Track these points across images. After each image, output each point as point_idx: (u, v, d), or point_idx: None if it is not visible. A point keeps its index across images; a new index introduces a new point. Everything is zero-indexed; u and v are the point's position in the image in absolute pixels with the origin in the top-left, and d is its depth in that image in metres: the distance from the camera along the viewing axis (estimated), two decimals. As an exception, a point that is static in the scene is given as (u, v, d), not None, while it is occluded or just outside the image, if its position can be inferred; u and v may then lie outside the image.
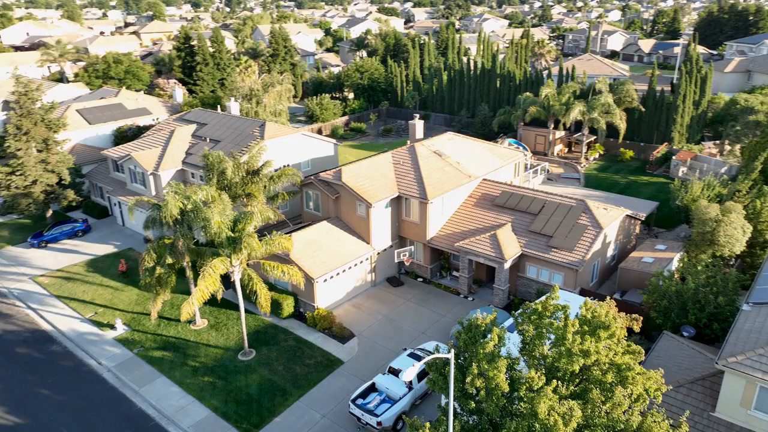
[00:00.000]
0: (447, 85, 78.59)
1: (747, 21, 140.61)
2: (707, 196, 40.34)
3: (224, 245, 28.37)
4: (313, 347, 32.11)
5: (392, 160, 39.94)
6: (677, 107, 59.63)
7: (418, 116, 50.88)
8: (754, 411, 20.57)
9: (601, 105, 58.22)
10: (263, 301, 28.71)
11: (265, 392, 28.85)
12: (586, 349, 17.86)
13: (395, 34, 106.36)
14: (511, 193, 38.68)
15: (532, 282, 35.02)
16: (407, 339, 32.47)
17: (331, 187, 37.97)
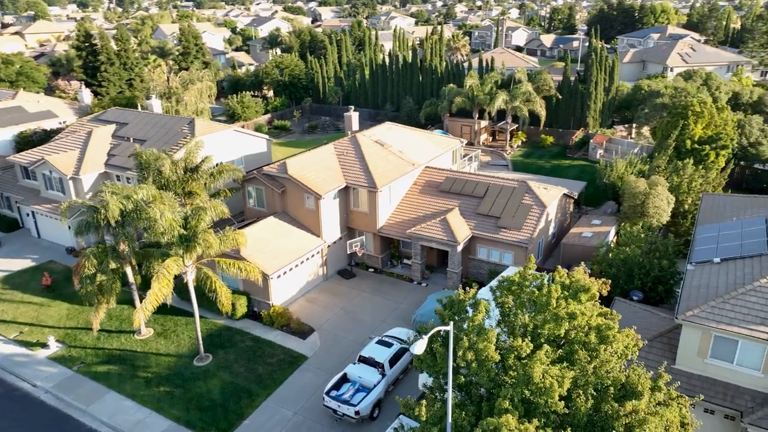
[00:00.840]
0: (370, 80, 78.84)
1: (633, 17, 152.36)
2: (630, 172, 43.23)
3: (176, 244, 26.69)
4: (273, 345, 31.02)
5: (335, 152, 39.42)
6: (590, 94, 63.47)
7: (353, 108, 50.57)
8: (710, 359, 22.26)
9: (522, 93, 60.76)
10: (224, 299, 27.34)
11: (230, 396, 27.50)
12: (572, 312, 18.50)
13: (310, 31, 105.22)
14: (455, 178, 39.42)
15: (483, 263, 35.88)
16: (368, 329, 32.17)
17: (277, 181, 36.85)
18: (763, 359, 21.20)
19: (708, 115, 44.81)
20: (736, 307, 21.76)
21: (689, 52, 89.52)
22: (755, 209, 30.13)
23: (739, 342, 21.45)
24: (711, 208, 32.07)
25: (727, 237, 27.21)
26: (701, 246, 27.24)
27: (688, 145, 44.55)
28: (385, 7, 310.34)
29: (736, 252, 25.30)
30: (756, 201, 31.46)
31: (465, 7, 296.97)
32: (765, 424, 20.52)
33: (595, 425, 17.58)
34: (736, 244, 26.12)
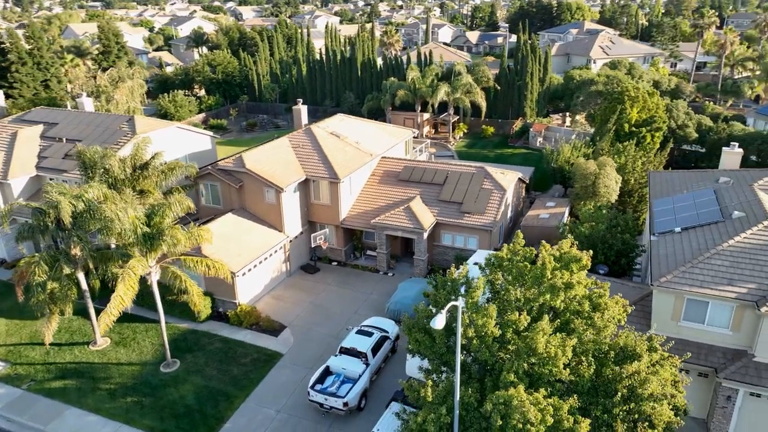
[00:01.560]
0: (307, 76, 77.66)
1: (552, 14, 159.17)
2: (576, 156, 44.95)
3: (140, 243, 25.00)
4: (244, 345, 29.78)
5: (291, 144, 38.43)
6: (527, 85, 65.58)
7: (300, 102, 49.53)
8: (683, 322, 23.43)
9: (463, 85, 61.87)
10: (196, 299, 25.92)
11: (205, 400, 26.12)
12: (569, 282, 18.87)
13: (239, 28, 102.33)
14: (413, 167, 39.48)
15: (448, 249, 36.14)
16: (341, 321, 31.58)
17: (233, 176, 35.42)
18: (731, 318, 22.56)
19: (642, 99, 47.38)
20: (705, 271, 23.04)
21: (609, 45, 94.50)
22: (700, 182, 32.07)
23: (709, 303, 22.71)
24: (660, 184, 33.85)
25: (682, 208, 28.79)
26: (660, 218, 28.67)
27: (626, 128, 46.87)
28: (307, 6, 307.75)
29: (694, 221, 26.80)
30: (699, 175, 33.52)
31: (387, 6, 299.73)
32: (737, 376, 21.85)
33: (598, 389, 18.04)
34: (692, 214, 27.68)
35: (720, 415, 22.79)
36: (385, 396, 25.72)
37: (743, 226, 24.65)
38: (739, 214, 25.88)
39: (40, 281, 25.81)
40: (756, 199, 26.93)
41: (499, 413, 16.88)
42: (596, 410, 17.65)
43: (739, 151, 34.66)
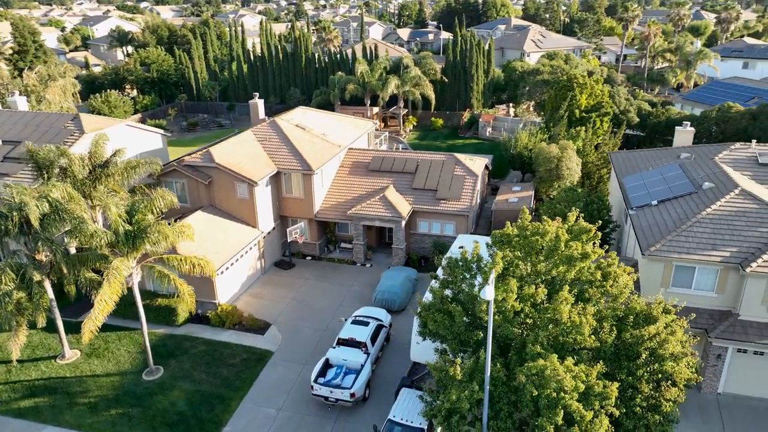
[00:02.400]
0: (248, 73, 75.54)
1: (478, 11, 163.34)
2: (533, 142, 46.28)
3: (121, 242, 23.27)
4: (230, 346, 28.46)
5: (256, 138, 37.13)
6: (472, 76, 66.88)
7: (257, 95, 47.95)
8: (671, 288, 24.55)
9: (412, 78, 62.22)
10: (188, 298, 24.42)
11: (199, 405, 24.73)
12: (585, 252, 19.28)
13: (169, 26, 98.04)
14: (383, 157, 39.24)
15: (425, 237, 36.17)
16: (327, 314, 30.85)
17: (201, 172, 33.76)
18: (716, 281, 23.91)
19: (590, 86, 49.45)
20: (689, 238, 24.28)
21: (540, 39, 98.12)
22: (662, 159, 33.81)
23: (696, 268, 23.96)
24: (623, 163, 35.42)
25: (653, 183, 30.24)
26: (634, 193, 29.97)
27: (577, 114, 48.78)
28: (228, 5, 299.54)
29: (668, 194, 28.21)
30: (659, 153, 35.34)
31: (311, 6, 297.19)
32: (727, 335, 23.17)
33: (620, 354, 18.55)
34: (664, 188, 29.13)
35: (711, 373, 24.11)
36: (387, 385, 25.40)
37: (716, 196, 26.17)
38: (709, 185, 27.48)
39: (6, 290, 23.45)
40: (721, 171, 28.69)
41: (533, 384, 16.99)
42: (621, 374, 18.13)
43: (691, 130, 36.85)
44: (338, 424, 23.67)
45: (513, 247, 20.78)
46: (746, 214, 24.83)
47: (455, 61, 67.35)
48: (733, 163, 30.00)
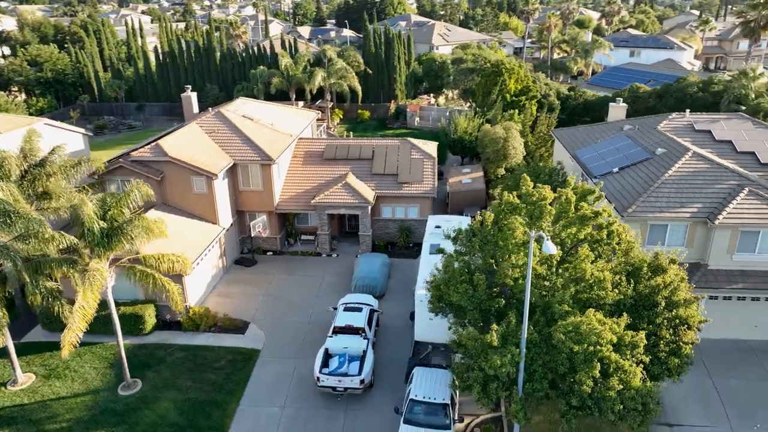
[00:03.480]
0: (157, 70, 70.92)
1: (376, 8, 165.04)
2: (472, 127, 47.47)
3: (96, 242, 20.79)
4: (211, 349, 26.50)
5: (204, 130, 34.85)
6: (395, 68, 67.41)
7: (189, 88, 45.07)
8: (646, 246, 26.12)
9: (338, 70, 61.57)
10: (177, 297, 22.26)
11: (193, 413, 22.77)
12: (596, 211, 19.99)
13: (56, 23, 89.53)
14: (336, 144, 38.43)
15: (389, 222, 35.88)
16: (306, 308, 29.67)
17: (151, 167, 31.08)
18: (686, 236, 25.85)
19: (517, 71, 51.64)
20: (659, 198, 26.04)
21: (447, 33, 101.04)
22: (603, 133, 35.95)
23: (668, 225, 25.75)
24: (569, 139, 37.30)
25: (607, 154, 32.11)
26: (592, 163, 31.65)
27: (508, 98, 50.73)
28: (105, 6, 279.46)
29: (625, 162, 30.08)
30: (600, 127, 37.59)
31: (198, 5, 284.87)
32: (701, 284, 25.09)
33: (638, 305, 19.45)
34: (620, 156, 31.03)
35: (687, 321, 25.99)
36: (387, 368, 24.91)
37: (672, 160, 28.30)
38: (662, 150, 29.65)
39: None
40: (668, 138, 31.08)
41: (571, 340, 17.36)
42: (642, 324, 19.02)
43: (624, 106, 39.67)
44: (349, 413, 22.81)
45: (518, 214, 21.09)
46: (702, 174, 27.06)
47: (377, 53, 67.54)
48: (674, 131, 32.60)
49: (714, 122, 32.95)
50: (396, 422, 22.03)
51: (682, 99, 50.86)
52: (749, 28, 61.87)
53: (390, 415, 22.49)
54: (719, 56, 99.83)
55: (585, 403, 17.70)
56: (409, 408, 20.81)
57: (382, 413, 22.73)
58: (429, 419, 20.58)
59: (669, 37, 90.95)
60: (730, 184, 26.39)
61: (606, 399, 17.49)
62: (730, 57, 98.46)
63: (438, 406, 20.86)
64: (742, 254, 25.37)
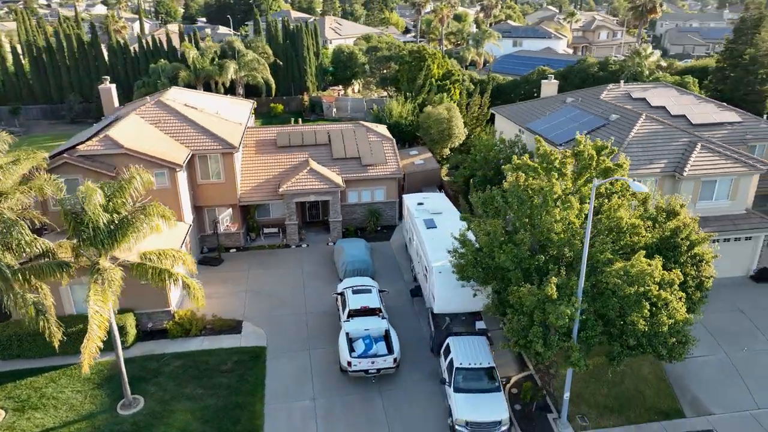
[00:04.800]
0: (32, 70, 62.80)
1: (251, 5, 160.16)
2: (406, 111, 47.83)
3: (102, 238, 17.97)
4: (210, 353, 24.13)
5: (147, 121, 31.52)
6: (305, 59, 65.92)
7: (108, 80, 40.41)
8: (621, 204, 28.21)
9: (249, 62, 58.86)
10: (200, 295, 19.81)
11: (218, 420, 20.63)
12: (618, 163, 21.09)
13: None
14: (288, 132, 36.78)
15: (356, 207, 35.07)
16: (297, 299, 28.12)
17: (103, 162, 27.46)
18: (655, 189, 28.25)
19: (438, 56, 52.95)
20: (630, 157, 28.08)
21: (338, 26, 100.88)
22: (545, 107, 38.08)
23: (641, 181, 27.86)
24: (513, 115, 39.10)
25: (561, 124, 34.06)
26: (550, 134, 33.35)
27: (434, 82, 51.84)
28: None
29: (585, 128, 32.05)
30: (540, 102, 39.79)
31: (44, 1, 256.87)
32: (674, 232, 27.52)
33: (661, 248, 20.86)
34: (576, 124, 33.03)
35: (663, 267, 28.44)
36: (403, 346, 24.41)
37: (629, 124, 30.74)
38: (615, 116, 32.10)
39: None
40: (614, 105, 33.72)
41: (626, 283, 18.24)
42: (669, 263, 20.45)
43: (555, 82, 42.43)
44: (384, 394, 22.04)
45: (537, 175, 21.67)
46: (659, 134, 29.73)
47: (285, 45, 65.60)
48: (615, 99, 35.46)
49: (646, 90, 36.34)
50: (438, 394, 21.76)
51: (585, 78, 55.49)
52: (638, 11, 68.99)
53: (428, 389, 22.19)
54: (584, 45, 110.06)
55: (639, 341, 18.71)
56: (458, 376, 20.56)
57: (419, 388, 22.28)
58: (480, 384, 20.53)
59: (545, 28, 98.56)
60: (683, 141, 29.27)
61: (659, 335, 18.63)
62: (594, 46, 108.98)
63: (485, 370, 20.89)
64: (703, 202, 28.28)
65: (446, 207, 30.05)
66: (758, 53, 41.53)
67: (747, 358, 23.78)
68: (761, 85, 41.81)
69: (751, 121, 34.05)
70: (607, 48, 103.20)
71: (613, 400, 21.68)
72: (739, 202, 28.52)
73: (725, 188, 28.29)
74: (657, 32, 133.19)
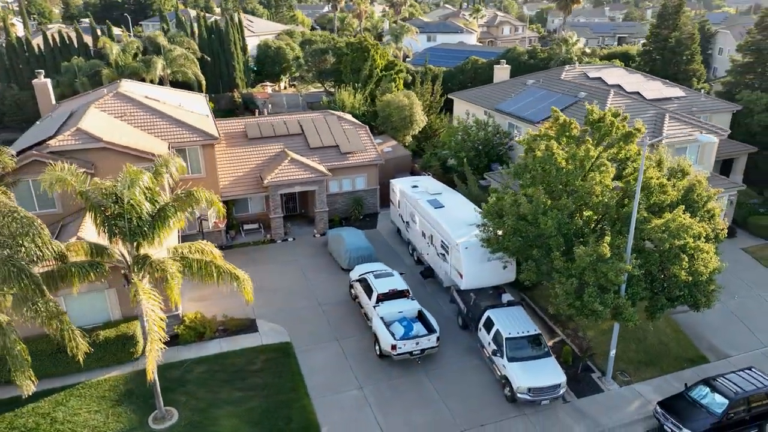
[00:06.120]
0: None
1: (142, 4, 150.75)
2: (358, 101, 47.23)
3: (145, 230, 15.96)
4: (233, 354, 22.36)
5: (111, 114, 28.59)
6: (233, 55, 63.06)
7: (42, 74, 35.97)
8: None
9: (177, 57, 55.30)
10: (249, 289, 18.06)
11: (269, 421, 19.19)
12: (637, 128, 22.14)
13: None
14: (257, 122, 34.98)
15: (337, 197, 34.08)
16: (306, 292, 26.83)
17: (77, 158, 24.40)
18: (634, 159, 30.05)
19: (380, 48, 52.89)
20: (612, 129, 29.75)
21: (249, 24, 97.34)
22: (507, 90, 39.28)
23: (623, 151, 29.60)
24: (477, 99, 39.92)
25: (531, 104, 35.24)
26: (524, 113, 34.45)
27: (378, 72, 51.69)
28: None
29: (557, 105, 33.28)
30: (496, 87, 40.95)
31: None
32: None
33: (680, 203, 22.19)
34: (546, 103, 34.31)
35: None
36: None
37: (600, 99, 32.41)
38: (583, 94, 33.78)
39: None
40: (577, 84, 35.48)
41: (671, 237, 19.25)
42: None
43: (507, 67, 43.82)
44: (430, 374, 21.63)
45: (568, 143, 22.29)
46: (631, 107, 31.50)
47: (210, 39, 62.33)
48: (574, 79, 37.29)
49: (600, 70, 38.64)
50: (481, 367, 21.79)
51: (517, 66, 57.81)
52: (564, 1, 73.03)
53: (470, 363, 22.23)
54: (490, 40, 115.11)
55: (682, 292, 19.82)
56: (510, 346, 20.61)
57: (460, 363, 22.18)
58: (531, 351, 20.74)
59: (456, 23, 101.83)
60: (652, 113, 31.42)
61: (698, 284, 19.84)
62: (498, 41, 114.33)
63: (533, 337, 21.14)
64: (675, 168, 30.50)
65: (441, 188, 30.04)
66: (682, 36, 45.78)
67: (739, 306, 26.02)
68: (687, 65, 46.19)
69: (694, 95, 37.34)
70: (510, 42, 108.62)
71: (644, 354, 22.80)
72: (706, 166, 31.11)
73: (693, 153, 30.72)
74: (549, 27, 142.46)
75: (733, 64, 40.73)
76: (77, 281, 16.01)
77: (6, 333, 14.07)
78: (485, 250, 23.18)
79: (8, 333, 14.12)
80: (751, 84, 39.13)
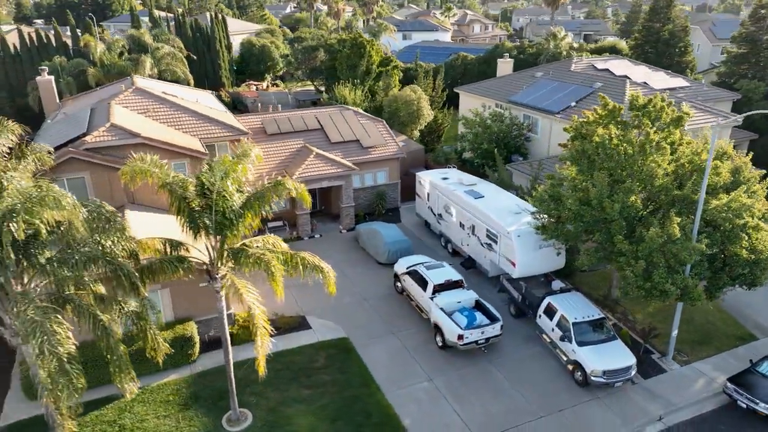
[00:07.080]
0: None
1: (102, 5, 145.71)
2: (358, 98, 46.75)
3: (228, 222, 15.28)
4: (292, 353, 21.83)
5: (134, 110, 27.42)
6: (218, 53, 61.57)
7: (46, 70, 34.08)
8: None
9: (165, 56, 53.57)
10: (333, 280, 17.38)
11: (347, 417, 18.69)
12: (686, 111, 22.59)
13: None
14: (274, 118, 34.18)
15: (359, 191, 33.60)
16: (348, 286, 26.14)
17: (113, 155, 23.26)
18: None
19: (375, 44, 52.58)
20: (635, 118, 30.38)
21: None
22: (514, 82, 39.70)
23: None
24: (485, 91, 40.21)
25: (546, 95, 35.68)
26: (542, 104, 34.83)
27: (375, 68, 51.37)
28: None
29: (575, 96, 33.94)
30: (503, 79, 41.31)
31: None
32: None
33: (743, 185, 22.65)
34: (562, 94, 34.85)
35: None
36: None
37: (617, 89, 33.13)
38: (599, 84, 34.42)
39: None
40: (588, 75, 36.12)
41: (734, 216, 19.75)
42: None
43: (510, 60, 44.33)
44: (495, 363, 21.57)
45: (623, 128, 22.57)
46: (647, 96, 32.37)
47: (195, 38, 60.69)
48: (584, 70, 37.95)
49: (606, 62, 39.45)
50: (544, 353, 21.87)
51: (507, 62, 58.68)
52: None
53: (533, 350, 22.32)
54: (461, 39, 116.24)
55: (744, 270, 20.33)
56: (577, 331, 20.71)
57: (524, 351, 22.19)
58: (599, 335, 20.91)
59: (431, 21, 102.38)
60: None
61: (759, 262, 20.39)
62: (469, 39, 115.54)
63: (598, 321, 21.30)
64: (694, 154, 31.36)
65: (473, 179, 30.01)
66: (675, 29, 47.29)
67: (770, 283, 26.88)
68: (681, 56, 47.74)
69: (696, 85, 38.59)
70: (481, 40, 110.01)
71: (695, 334, 23.31)
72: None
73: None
74: (515, 26, 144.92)
75: (728, 55, 42.28)
76: (162, 278, 15.20)
77: (110, 334, 13.18)
78: (537, 238, 23.32)
79: (112, 334, 13.24)
80: (745, 74, 40.65)
